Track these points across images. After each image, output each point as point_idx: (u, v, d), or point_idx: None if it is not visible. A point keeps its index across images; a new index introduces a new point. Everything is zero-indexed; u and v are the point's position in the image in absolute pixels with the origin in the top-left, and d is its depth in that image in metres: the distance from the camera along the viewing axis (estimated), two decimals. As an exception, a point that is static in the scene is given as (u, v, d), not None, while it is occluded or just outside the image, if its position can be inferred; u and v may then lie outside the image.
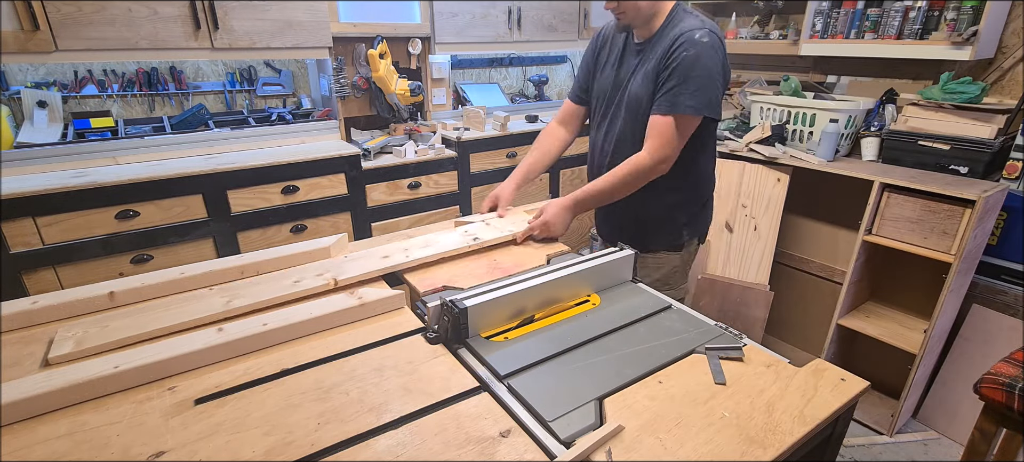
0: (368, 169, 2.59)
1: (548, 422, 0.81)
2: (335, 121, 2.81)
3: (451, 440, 0.79)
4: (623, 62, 1.52)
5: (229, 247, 2.31)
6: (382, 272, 1.26)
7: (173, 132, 2.47)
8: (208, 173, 2.19)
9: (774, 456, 0.76)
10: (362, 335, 1.07)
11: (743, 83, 3.29)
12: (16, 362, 0.97)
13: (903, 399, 2.13)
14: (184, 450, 0.77)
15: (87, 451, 0.77)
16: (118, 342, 1.00)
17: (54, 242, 1.98)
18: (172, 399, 0.88)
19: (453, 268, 1.33)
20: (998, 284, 2.15)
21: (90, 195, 1.99)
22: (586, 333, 1.06)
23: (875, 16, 2.30)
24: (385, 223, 2.72)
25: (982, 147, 2.00)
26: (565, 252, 1.42)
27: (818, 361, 0.97)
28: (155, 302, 1.16)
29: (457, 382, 0.93)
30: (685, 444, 0.78)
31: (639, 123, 1.45)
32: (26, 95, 2.32)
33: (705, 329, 1.08)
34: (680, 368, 0.96)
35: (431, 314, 1.06)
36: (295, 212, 2.44)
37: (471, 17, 2.98)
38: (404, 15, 2.83)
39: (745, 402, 0.87)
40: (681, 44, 1.32)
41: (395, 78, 2.79)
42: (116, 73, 2.55)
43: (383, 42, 2.70)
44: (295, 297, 1.16)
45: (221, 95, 2.80)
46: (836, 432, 0.93)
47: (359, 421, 0.83)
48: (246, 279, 1.26)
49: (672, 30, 1.37)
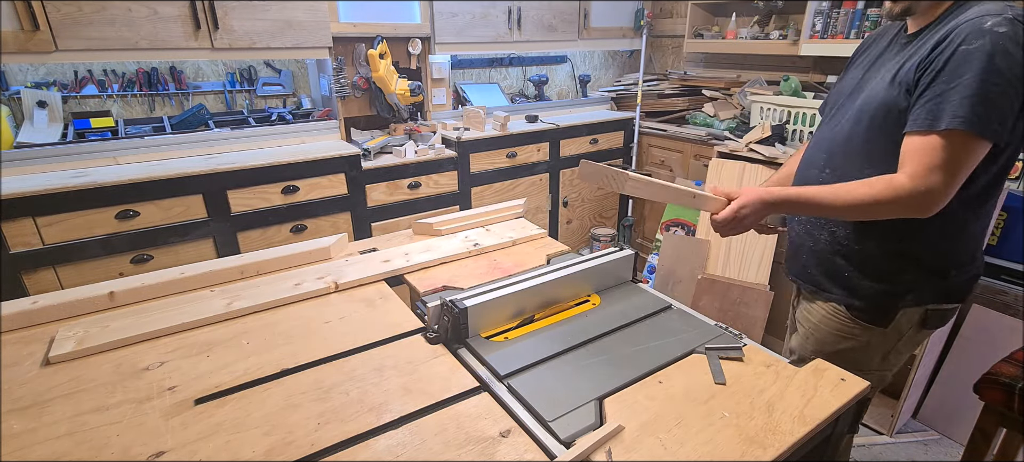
0: (368, 169, 2.59)
1: (548, 422, 0.81)
2: (335, 121, 2.81)
3: (451, 440, 0.79)
4: (879, 61, 1.13)
5: (229, 247, 2.31)
6: (383, 276, 1.26)
7: (173, 132, 2.46)
8: (208, 173, 2.19)
9: (774, 456, 0.76)
10: (360, 333, 1.07)
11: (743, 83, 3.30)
12: (16, 362, 0.97)
13: (903, 399, 2.13)
14: (184, 450, 0.77)
15: (87, 451, 0.77)
16: (119, 342, 1.00)
17: (54, 242, 1.98)
18: (172, 399, 0.88)
19: (453, 268, 1.33)
20: (998, 284, 2.15)
21: (90, 195, 1.99)
22: (586, 333, 1.06)
23: (875, 16, 2.30)
24: (385, 223, 2.72)
25: (982, 147, 1.99)
26: (565, 252, 1.42)
27: (818, 361, 0.97)
28: (156, 302, 1.16)
29: (457, 382, 0.93)
30: (685, 444, 0.78)
31: (871, 132, 1.06)
32: (26, 95, 2.32)
33: (705, 329, 1.08)
34: (680, 368, 0.96)
35: (431, 314, 1.06)
36: (295, 212, 2.44)
37: (471, 17, 2.98)
38: (404, 15, 2.83)
39: (745, 402, 0.87)
40: (959, 34, 0.92)
41: (395, 78, 2.79)
42: (116, 73, 2.55)
43: (383, 42, 2.70)
44: (296, 299, 1.16)
45: (221, 95, 2.80)
46: (837, 431, 0.93)
47: (359, 421, 0.83)
48: (246, 280, 1.26)
49: (957, 16, 0.97)
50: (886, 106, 1.02)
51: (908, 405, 2.20)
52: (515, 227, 1.55)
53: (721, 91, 3.41)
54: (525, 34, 3.21)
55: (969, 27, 0.91)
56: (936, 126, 0.92)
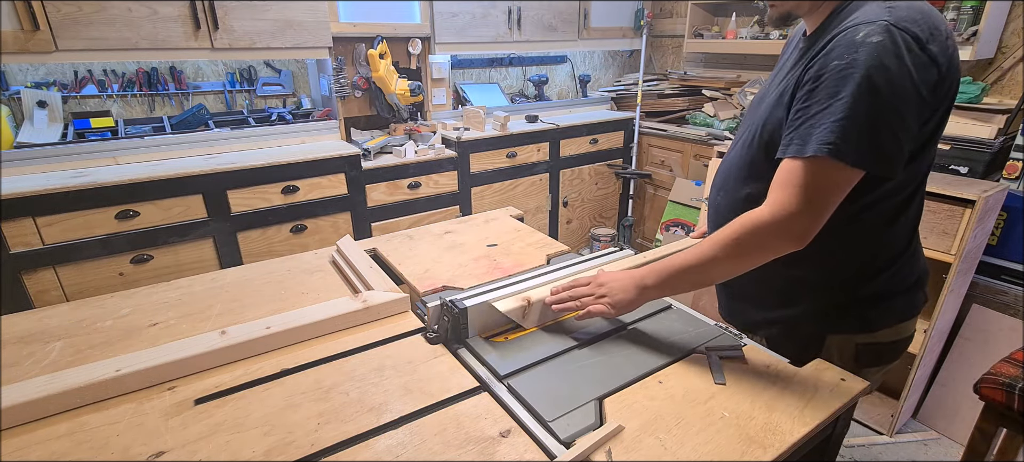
0: (368, 169, 2.59)
1: (548, 422, 0.81)
2: (335, 121, 2.81)
3: (451, 440, 0.79)
4: (782, 70, 1.03)
5: (229, 247, 2.31)
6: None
7: (173, 132, 2.46)
8: (208, 173, 2.19)
9: (774, 456, 0.76)
10: (364, 337, 1.07)
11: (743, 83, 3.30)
12: (15, 362, 0.97)
13: (903, 399, 2.13)
14: (184, 450, 0.77)
15: (87, 451, 0.77)
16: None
17: (54, 242, 1.98)
18: (172, 399, 0.88)
19: (453, 268, 1.33)
20: (998, 284, 2.15)
21: (90, 195, 1.99)
22: (586, 333, 1.06)
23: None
24: (385, 223, 2.72)
25: (982, 147, 2.00)
26: (565, 252, 1.42)
27: (818, 361, 0.97)
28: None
29: (457, 382, 0.93)
30: (685, 444, 0.78)
31: (761, 156, 0.97)
32: (26, 95, 2.32)
33: (705, 329, 1.08)
34: (680, 368, 0.96)
35: (431, 314, 1.06)
36: (295, 212, 2.44)
37: (471, 17, 2.98)
38: (404, 15, 2.83)
39: (745, 402, 0.86)
40: (834, 47, 0.82)
41: (395, 78, 2.79)
42: (116, 73, 2.55)
43: (383, 42, 2.70)
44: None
45: (221, 95, 2.80)
46: (837, 431, 0.93)
47: (359, 421, 0.83)
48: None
49: (840, 23, 0.86)
50: (767, 126, 0.95)
51: (908, 405, 2.20)
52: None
53: (721, 91, 3.41)
54: (525, 34, 3.21)
55: (843, 40, 0.81)
56: (803, 152, 0.82)
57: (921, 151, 0.88)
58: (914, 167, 0.90)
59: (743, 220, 0.88)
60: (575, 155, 3.41)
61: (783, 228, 0.84)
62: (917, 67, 0.78)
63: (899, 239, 0.97)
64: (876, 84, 0.77)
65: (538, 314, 1.08)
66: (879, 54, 0.77)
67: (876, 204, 0.92)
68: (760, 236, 0.86)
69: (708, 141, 3.15)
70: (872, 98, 0.78)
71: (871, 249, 0.96)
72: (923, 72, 0.79)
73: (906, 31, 0.78)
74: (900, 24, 0.78)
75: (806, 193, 0.82)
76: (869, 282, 0.98)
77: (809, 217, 0.83)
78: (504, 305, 1.04)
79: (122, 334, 1.06)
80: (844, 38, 0.81)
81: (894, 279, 0.98)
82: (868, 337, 1.00)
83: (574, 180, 3.46)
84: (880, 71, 0.77)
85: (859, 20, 0.81)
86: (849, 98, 0.78)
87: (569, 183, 3.44)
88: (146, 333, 1.07)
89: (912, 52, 0.78)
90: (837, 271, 0.98)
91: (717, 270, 0.92)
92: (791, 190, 0.83)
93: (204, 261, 2.28)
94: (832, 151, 0.79)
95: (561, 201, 3.44)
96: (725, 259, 0.90)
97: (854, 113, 0.78)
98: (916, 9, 0.82)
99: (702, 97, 3.49)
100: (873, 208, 0.92)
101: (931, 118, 0.85)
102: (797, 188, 0.83)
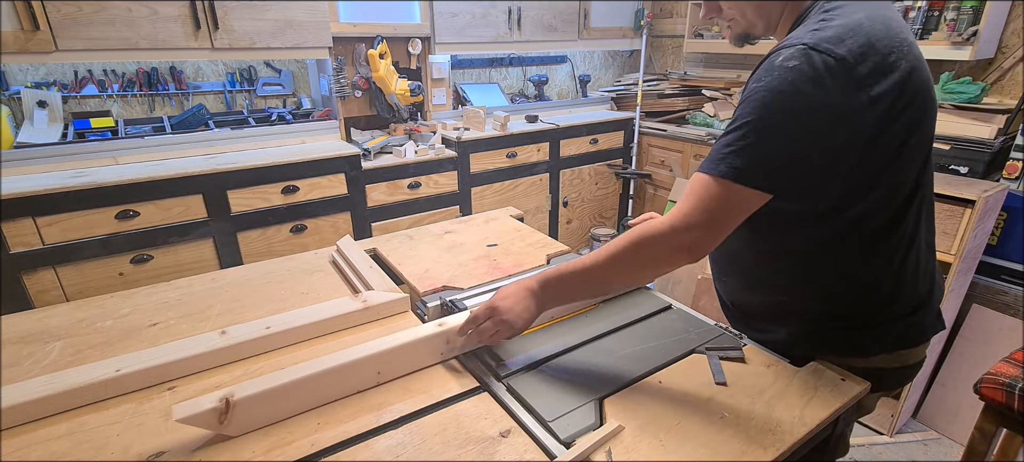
0: (368, 169, 2.59)
1: (548, 422, 0.81)
2: (335, 121, 2.81)
3: (451, 440, 0.79)
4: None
5: (229, 247, 2.31)
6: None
7: (173, 132, 2.46)
8: (208, 173, 2.19)
9: (774, 456, 0.76)
10: (364, 337, 1.07)
11: (743, 83, 3.29)
12: (15, 362, 0.97)
13: (903, 399, 2.13)
14: (184, 450, 0.77)
15: (87, 451, 0.77)
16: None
17: (54, 242, 1.98)
18: (172, 399, 0.88)
19: (453, 268, 1.33)
20: (998, 284, 2.15)
21: (90, 195, 1.99)
22: (586, 333, 1.06)
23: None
24: (385, 223, 2.72)
25: (982, 147, 2.00)
26: (565, 252, 1.42)
27: (818, 361, 0.97)
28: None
29: (457, 382, 0.93)
30: (685, 444, 0.78)
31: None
32: (26, 95, 2.32)
33: (705, 329, 1.08)
34: (680, 368, 0.96)
35: (431, 314, 1.06)
36: (295, 212, 2.44)
37: (471, 17, 2.98)
38: (404, 15, 2.83)
39: (745, 402, 0.86)
40: (758, 68, 0.84)
41: (395, 78, 2.79)
42: (116, 73, 2.55)
43: (383, 42, 2.70)
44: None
45: (221, 95, 2.80)
46: (836, 432, 0.93)
47: (359, 421, 0.83)
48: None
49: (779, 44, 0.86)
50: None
51: (908, 405, 2.20)
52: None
53: (721, 91, 3.41)
54: (525, 34, 3.21)
55: (765, 63, 0.81)
56: (710, 169, 0.82)
57: (885, 170, 0.84)
58: (884, 191, 0.85)
59: (641, 229, 0.87)
60: (575, 155, 3.41)
61: (678, 239, 0.83)
62: (838, 88, 0.75)
63: (884, 266, 0.91)
64: (785, 107, 0.77)
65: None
66: (791, 79, 0.76)
67: (847, 231, 0.89)
68: (655, 246, 0.85)
69: (708, 141, 3.15)
70: (778, 120, 0.77)
71: (848, 277, 0.93)
72: (847, 93, 0.76)
73: (827, 53, 0.75)
74: (820, 46, 0.76)
75: (708, 208, 0.82)
76: (854, 309, 0.95)
77: (704, 231, 0.82)
78: None
79: (122, 334, 1.06)
80: (768, 61, 0.81)
81: (885, 307, 0.94)
82: (863, 362, 0.97)
83: (574, 180, 3.45)
84: (788, 97, 0.76)
85: (786, 43, 0.81)
86: (755, 121, 0.78)
87: (569, 183, 3.44)
88: (146, 333, 1.07)
89: (831, 72, 0.75)
90: (811, 298, 0.97)
91: (611, 276, 0.91)
92: (693, 202, 0.83)
93: (204, 261, 2.28)
94: (734, 173, 0.79)
95: (561, 201, 3.44)
96: (617, 265, 0.89)
97: (758, 137, 0.78)
98: (848, 28, 0.78)
99: (702, 97, 3.49)
100: (844, 235, 0.89)
101: (880, 134, 0.80)
102: (699, 201, 0.82)
